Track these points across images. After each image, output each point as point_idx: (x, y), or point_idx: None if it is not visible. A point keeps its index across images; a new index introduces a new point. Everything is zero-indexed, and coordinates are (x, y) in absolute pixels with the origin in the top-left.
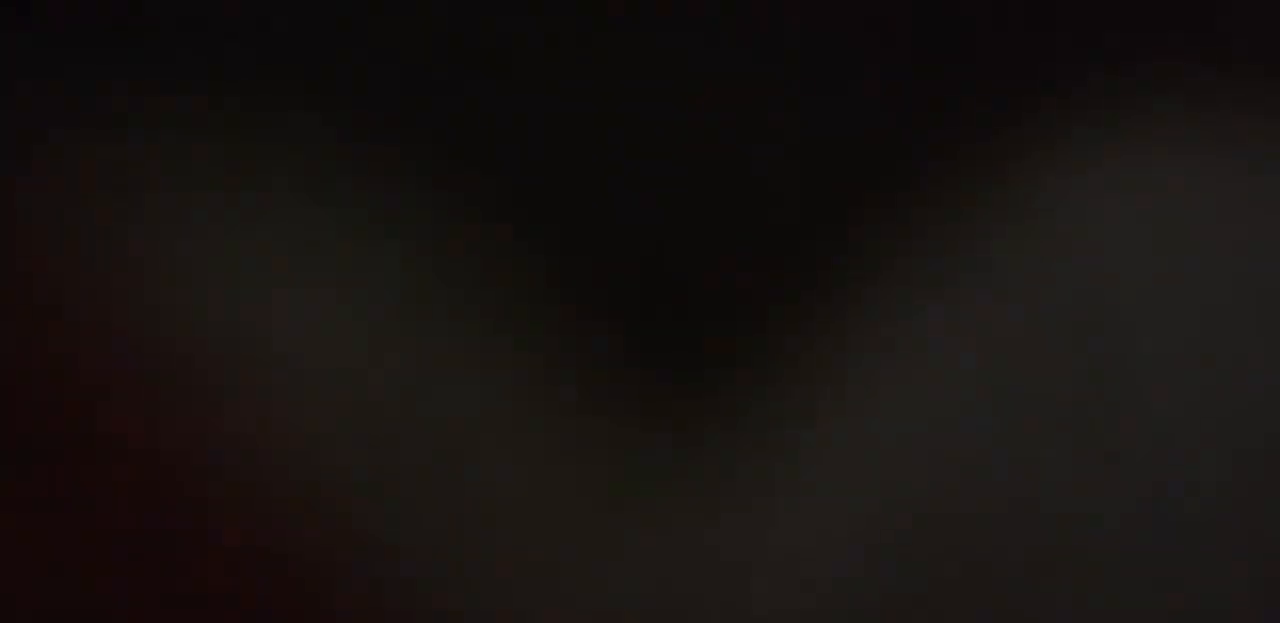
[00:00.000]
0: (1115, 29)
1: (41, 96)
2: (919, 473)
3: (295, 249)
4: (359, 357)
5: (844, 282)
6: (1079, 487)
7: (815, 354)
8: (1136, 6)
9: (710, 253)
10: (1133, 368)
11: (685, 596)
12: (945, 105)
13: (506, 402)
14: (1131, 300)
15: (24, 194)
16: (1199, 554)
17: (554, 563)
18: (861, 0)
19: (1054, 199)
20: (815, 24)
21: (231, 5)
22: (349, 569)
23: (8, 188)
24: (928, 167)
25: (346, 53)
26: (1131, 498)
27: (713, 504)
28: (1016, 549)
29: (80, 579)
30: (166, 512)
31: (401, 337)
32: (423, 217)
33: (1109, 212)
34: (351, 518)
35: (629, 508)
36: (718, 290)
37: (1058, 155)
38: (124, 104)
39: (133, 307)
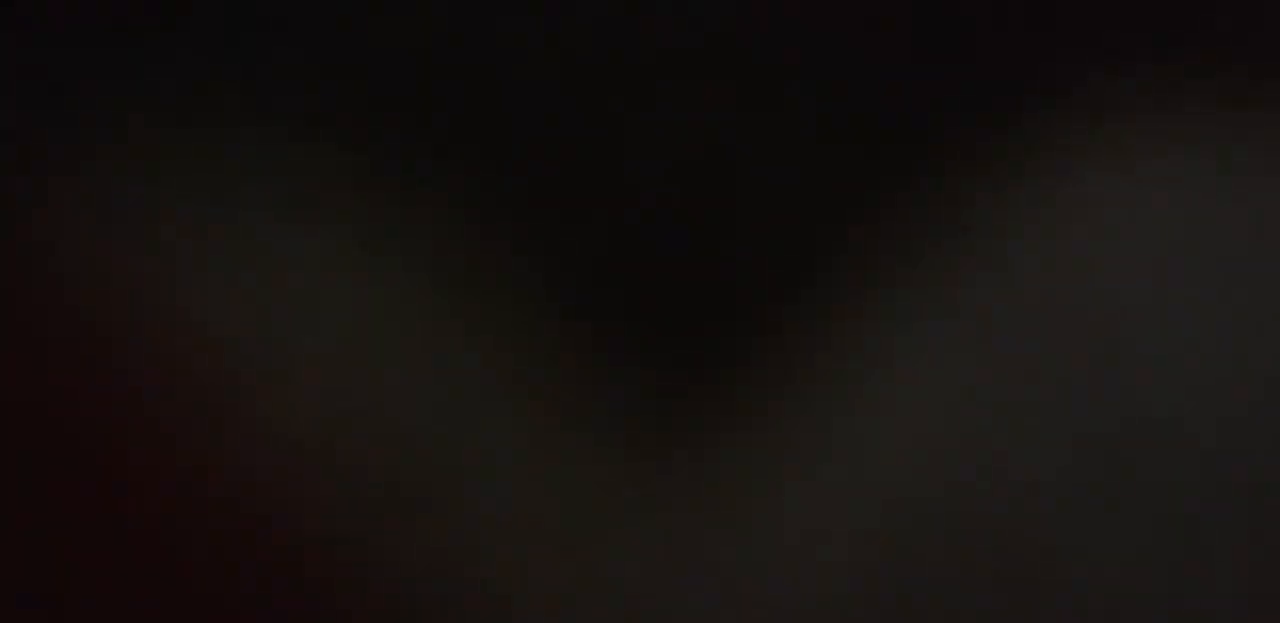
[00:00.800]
0: (1116, 29)
1: (41, 96)
2: (924, 475)
3: (297, 250)
4: (361, 357)
5: (847, 283)
6: (1083, 488)
7: (819, 355)
8: (1137, 7)
9: (713, 255)
10: (1135, 368)
11: (690, 597)
12: (945, 106)
13: (511, 403)
14: (1134, 300)
15: (24, 194)
16: (1200, 555)
17: (557, 564)
18: (862, 0)
19: (1055, 200)
20: (816, 24)
21: (233, 5)
22: (354, 571)
23: (7, 188)
24: (928, 168)
25: (348, 53)
26: (1134, 499)
27: (717, 506)
28: (1019, 550)
29: (89, 580)
30: (168, 514)
31: (405, 338)
32: (424, 216)
33: (1110, 212)
34: (354, 519)
35: (634, 509)
36: (722, 292)
37: (1058, 156)
38: (124, 104)
39: (133, 308)
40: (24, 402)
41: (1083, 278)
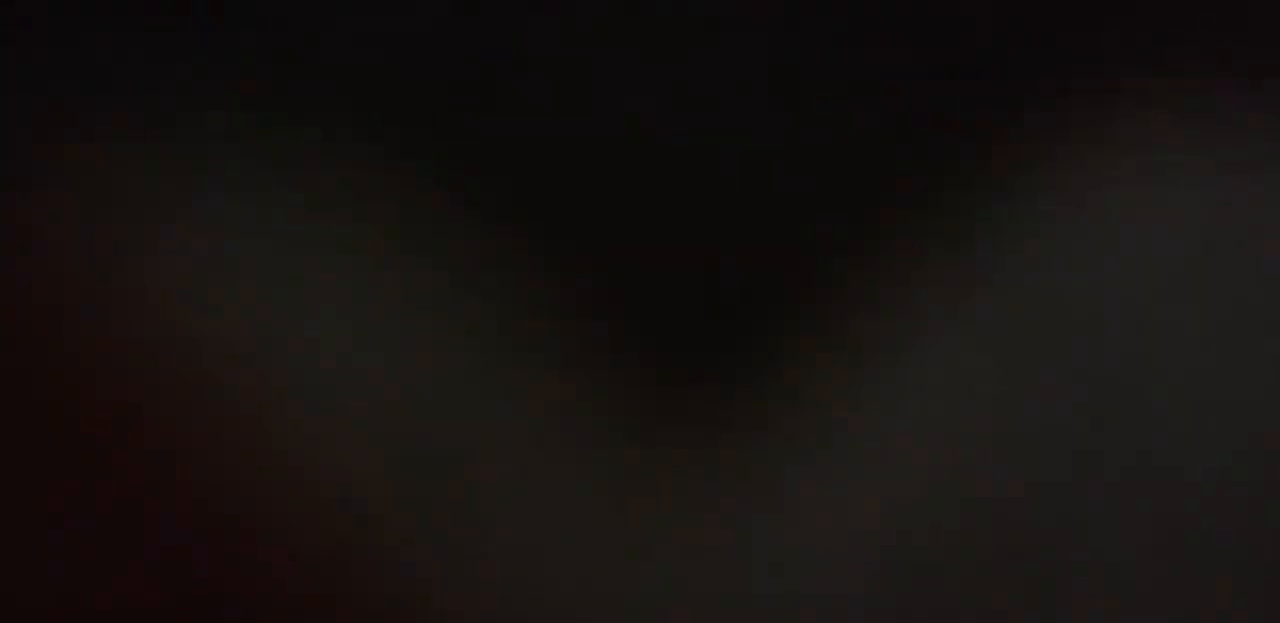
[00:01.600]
0: (1119, 30)
1: (42, 96)
2: (930, 478)
3: (298, 249)
4: (365, 356)
5: (852, 283)
6: (1092, 492)
7: (826, 356)
8: (1141, 8)
9: (720, 256)
10: (1147, 369)
11: (696, 597)
12: (948, 107)
13: (516, 403)
14: (1144, 302)
15: (24, 195)
16: (1208, 556)
17: (562, 564)
18: (863, 3)
19: (1061, 201)
20: (817, 25)
21: (236, 7)
22: (356, 571)
23: (8, 188)
24: (934, 169)
25: (356, 56)
26: (1145, 501)
27: (722, 507)
28: (1026, 553)
29: (89, 580)
30: (169, 514)
31: (407, 339)
32: (426, 217)
33: (1118, 214)
34: (354, 520)
35: (640, 509)
36: (729, 293)
37: (1064, 158)
38: (126, 105)
39: (134, 309)
40: (24, 401)
41: (1090, 280)
